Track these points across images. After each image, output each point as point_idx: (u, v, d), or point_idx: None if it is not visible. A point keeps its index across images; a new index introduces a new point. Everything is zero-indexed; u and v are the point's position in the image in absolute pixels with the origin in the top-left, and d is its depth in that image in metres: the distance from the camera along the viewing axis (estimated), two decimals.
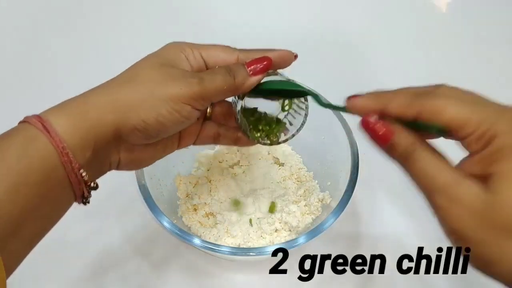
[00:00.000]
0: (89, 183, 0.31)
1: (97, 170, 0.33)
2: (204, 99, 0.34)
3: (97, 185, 0.32)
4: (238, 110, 0.37)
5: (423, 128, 0.28)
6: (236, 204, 0.51)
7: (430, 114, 0.26)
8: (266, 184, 0.54)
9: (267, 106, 0.41)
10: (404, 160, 0.28)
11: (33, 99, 0.63)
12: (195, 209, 0.51)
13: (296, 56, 0.37)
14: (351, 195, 0.45)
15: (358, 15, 0.77)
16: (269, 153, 0.57)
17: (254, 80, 0.35)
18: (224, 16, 0.75)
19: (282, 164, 0.56)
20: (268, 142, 0.41)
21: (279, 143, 0.41)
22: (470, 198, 0.24)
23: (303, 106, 0.39)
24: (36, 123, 0.29)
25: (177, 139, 0.39)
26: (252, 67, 0.35)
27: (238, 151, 0.56)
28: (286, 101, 0.41)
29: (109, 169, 0.35)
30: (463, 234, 0.25)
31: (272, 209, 0.51)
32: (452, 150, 0.28)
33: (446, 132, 0.26)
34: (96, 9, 0.76)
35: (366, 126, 0.29)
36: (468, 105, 0.26)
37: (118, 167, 0.35)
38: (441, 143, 0.28)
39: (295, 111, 0.41)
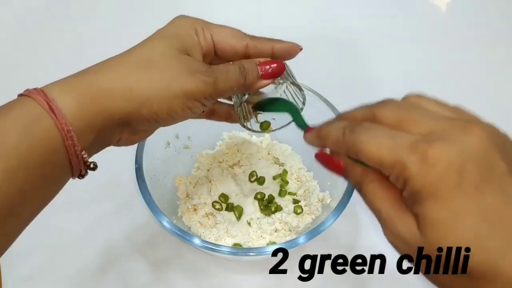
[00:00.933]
0: (88, 163, 0.31)
1: (96, 149, 0.33)
2: (214, 98, 0.34)
3: (95, 165, 0.32)
4: (242, 102, 0.38)
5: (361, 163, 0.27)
6: (238, 210, 0.51)
7: (354, 152, 0.26)
8: (266, 184, 0.54)
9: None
10: (358, 190, 0.28)
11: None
12: (195, 209, 0.51)
13: (301, 49, 0.37)
14: (351, 195, 0.45)
15: (358, 15, 0.77)
16: (269, 153, 0.57)
17: (263, 83, 0.35)
18: (224, 15, 0.75)
19: (282, 164, 0.56)
20: (259, 130, 0.42)
21: (269, 131, 0.42)
22: (406, 235, 0.24)
23: (300, 97, 0.39)
24: (42, 101, 0.28)
25: None
26: (264, 67, 0.35)
27: (238, 151, 0.56)
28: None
29: (107, 146, 0.34)
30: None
31: (275, 209, 0.51)
32: None
33: None
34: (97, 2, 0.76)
35: (318, 159, 0.30)
36: (384, 142, 0.24)
37: (115, 145, 0.35)
38: None
39: (293, 98, 0.41)
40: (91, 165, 0.31)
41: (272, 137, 0.58)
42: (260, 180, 0.54)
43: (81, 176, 0.32)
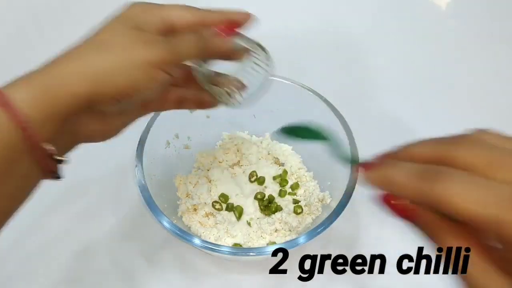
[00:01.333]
0: (53, 156, 0.29)
1: (67, 143, 0.32)
2: (175, 63, 0.33)
3: (63, 159, 0.30)
4: (207, 74, 0.38)
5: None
6: (238, 210, 0.51)
7: (436, 204, 0.22)
8: (266, 184, 0.54)
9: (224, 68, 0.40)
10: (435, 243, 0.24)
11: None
12: (195, 209, 0.51)
13: (252, 16, 0.37)
14: (351, 195, 0.44)
15: (358, 15, 0.77)
16: (269, 153, 0.57)
17: (222, 42, 0.35)
18: None
19: (282, 164, 0.56)
20: (237, 102, 0.40)
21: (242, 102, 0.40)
22: None
23: (263, 63, 0.38)
24: None
25: (143, 106, 0.38)
26: (220, 27, 0.35)
27: (238, 151, 0.56)
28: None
29: (83, 141, 0.34)
30: None
31: (275, 209, 0.51)
32: None
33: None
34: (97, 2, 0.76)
35: (386, 204, 0.27)
36: (478, 194, 0.21)
37: (89, 140, 0.34)
38: None
39: (253, 67, 0.39)
40: (58, 158, 0.30)
41: (272, 137, 0.58)
42: (260, 180, 0.54)
43: (55, 174, 0.31)
